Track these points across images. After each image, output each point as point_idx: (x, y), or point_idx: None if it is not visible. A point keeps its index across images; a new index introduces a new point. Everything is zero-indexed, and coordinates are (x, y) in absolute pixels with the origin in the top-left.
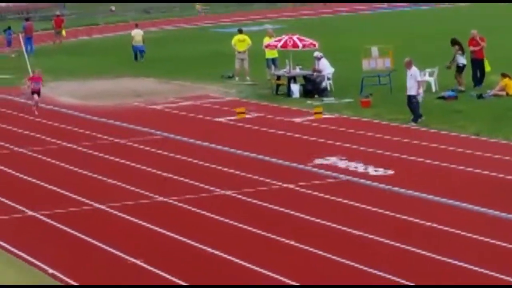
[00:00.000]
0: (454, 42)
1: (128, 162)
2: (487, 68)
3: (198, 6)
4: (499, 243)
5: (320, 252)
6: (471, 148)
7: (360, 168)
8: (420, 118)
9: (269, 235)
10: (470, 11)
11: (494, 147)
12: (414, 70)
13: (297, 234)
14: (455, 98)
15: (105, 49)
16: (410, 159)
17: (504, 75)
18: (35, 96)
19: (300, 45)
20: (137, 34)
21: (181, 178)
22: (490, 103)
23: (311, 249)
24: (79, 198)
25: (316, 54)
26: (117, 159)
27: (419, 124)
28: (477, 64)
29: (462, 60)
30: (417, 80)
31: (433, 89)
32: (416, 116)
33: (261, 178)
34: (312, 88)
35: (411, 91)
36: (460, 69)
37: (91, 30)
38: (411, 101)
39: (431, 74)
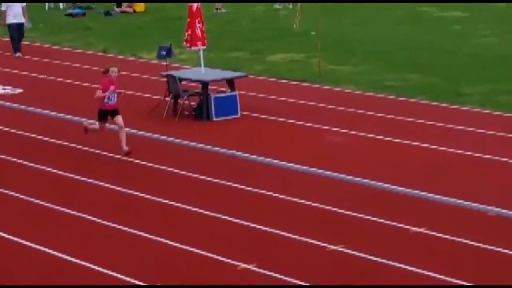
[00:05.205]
0: None
1: None
2: None
3: None
4: (213, 179)
5: None
6: (97, 65)
7: None
8: None
9: None
10: None
11: (122, 63)
12: None
13: None
14: (83, 15)
15: None
16: (40, 77)
17: None
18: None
19: None
20: None
21: None
22: (118, 20)
23: None
24: None
25: None
26: None
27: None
28: None
29: None
30: None
31: (61, 6)
32: None
33: None
34: None
35: None
36: None
37: None
38: None
39: None
